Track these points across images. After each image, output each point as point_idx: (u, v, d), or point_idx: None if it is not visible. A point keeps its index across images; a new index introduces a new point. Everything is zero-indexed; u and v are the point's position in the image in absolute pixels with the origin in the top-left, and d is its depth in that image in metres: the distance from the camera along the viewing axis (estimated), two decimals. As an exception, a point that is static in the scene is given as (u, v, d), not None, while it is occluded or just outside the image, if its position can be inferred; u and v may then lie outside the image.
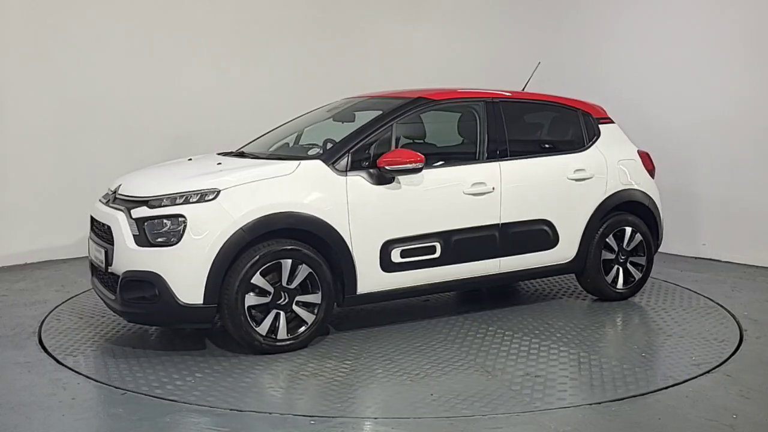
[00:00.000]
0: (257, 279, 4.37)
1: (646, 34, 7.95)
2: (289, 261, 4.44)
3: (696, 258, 7.54)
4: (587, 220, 5.56)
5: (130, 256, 4.35)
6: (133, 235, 4.36)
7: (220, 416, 3.60)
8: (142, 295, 4.34)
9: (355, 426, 3.51)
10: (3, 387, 4.01)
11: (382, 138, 4.89)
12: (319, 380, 4.07)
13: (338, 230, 4.59)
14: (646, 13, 7.96)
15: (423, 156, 4.75)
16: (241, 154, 5.26)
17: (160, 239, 4.30)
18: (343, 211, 4.61)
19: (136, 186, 4.68)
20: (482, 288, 5.96)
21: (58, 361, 4.38)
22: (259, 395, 3.86)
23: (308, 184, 4.59)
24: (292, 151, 5.31)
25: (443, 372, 4.22)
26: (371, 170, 4.75)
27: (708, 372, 4.25)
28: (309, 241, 4.52)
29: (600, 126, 5.89)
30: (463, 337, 4.86)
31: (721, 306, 5.68)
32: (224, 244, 4.29)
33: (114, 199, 4.69)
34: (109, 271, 4.50)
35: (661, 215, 5.98)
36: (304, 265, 4.47)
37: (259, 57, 8.29)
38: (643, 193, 5.84)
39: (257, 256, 4.35)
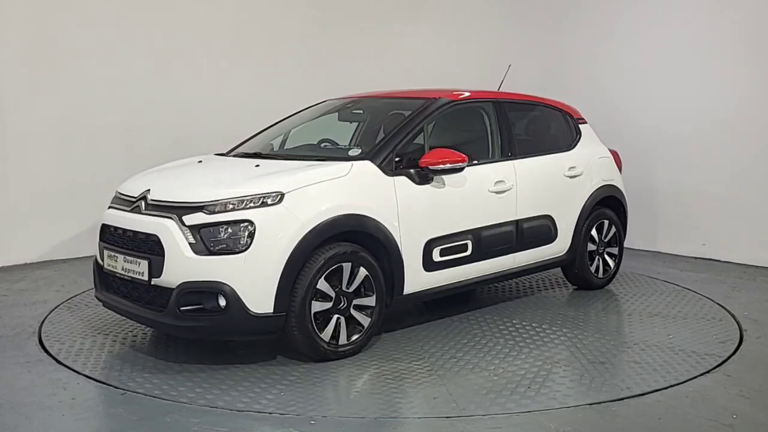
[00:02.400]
0: (322, 284, 4.24)
1: (642, 34, 7.95)
2: (349, 264, 4.34)
3: (696, 258, 7.54)
4: (578, 214, 5.90)
5: (189, 265, 4.04)
6: (190, 244, 4.06)
7: (220, 416, 3.60)
8: (202, 306, 4.07)
9: (354, 426, 3.51)
10: (3, 387, 4.01)
11: (417, 138, 4.92)
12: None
13: (391, 231, 4.55)
14: (645, 13, 7.97)
15: (466, 156, 4.83)
16: (256, 155, 5.10)
17: (222, 247, 4.03)
18: (393, 212, 4.58)
19: (177, 191, 4.36)
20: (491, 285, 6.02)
21: (58, 361, 4.37)
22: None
23: (363, 186, 4.52)
24: (328, 152, 5.15)
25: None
26: (414, 170, 4.74)
27: (708, 372, 4.25)
28: (364, 243, 4.45)
29: (579, 126, 6.27)
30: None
31: (721, 306, 5.68)
32: (294, 249, 4.11)
33: (148, 206, 4.35)
34: (153, 283, 4.17)
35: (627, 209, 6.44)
36: (361, 268, 4.40)
37: (259, 57, 8.30)
38: (617, 188, 6.31)
39: (322, 261, 4.21)
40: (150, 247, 4.19)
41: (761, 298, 5.95)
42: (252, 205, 4.12)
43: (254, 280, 4.05)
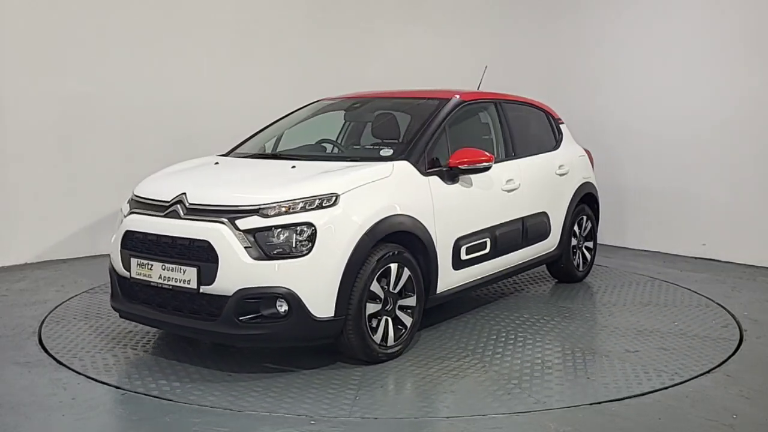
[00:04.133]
0: (374, 286, 4.20)
1: (643, 35, 7.95)
2: (396, 265, 4.32)
3: (696, 258, 7.54)
4: (566, 211, 6.15)
5: (248, 271, 3.89)
6: (245, 248, 3.92)
7: (220, 416, 3.60)
8: (260, 313, 3.94)
9: (354, 426, 3.51)
10: (3, 387, 4.00)
11: (441, 138, 4.94)
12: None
13: (429, 231, 4.57)
14: (645, 12, 7.97)
15: (492, 155, 4.93)
16: (275, 156, 5.04)
17: (282, 251, 3.92)
18: (430, 212, 4.59)
19: (223, 194, 4.18)
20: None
21: (58, 361, 4.37)
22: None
23: (404, 186, 4.51)
24: (360, 152, 5.09)
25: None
26: (443, 169, 4.78)
27: (708, 372, 4.25)
28: (407, 243, 4.42)
29: (560, 126, 6.51)
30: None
31: (721, 306, 5.68)
32: (352, 251, 4.04)
33: (188, 210, 4.13)
34: (202, 292, 3.98)
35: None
36: (405, 268, 4.38)
37: (260, 57, 8.30)
38: (593, 185, 6.61)
39: (375, 262, 4.17)
40: (197, 254, 3.98)
41: (761, 298, 5.95)
42: (309, 207, 4.01)
43: (317, 283, 3.96)
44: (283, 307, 3.92)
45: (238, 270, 3.90)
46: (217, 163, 5.03)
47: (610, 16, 8.31)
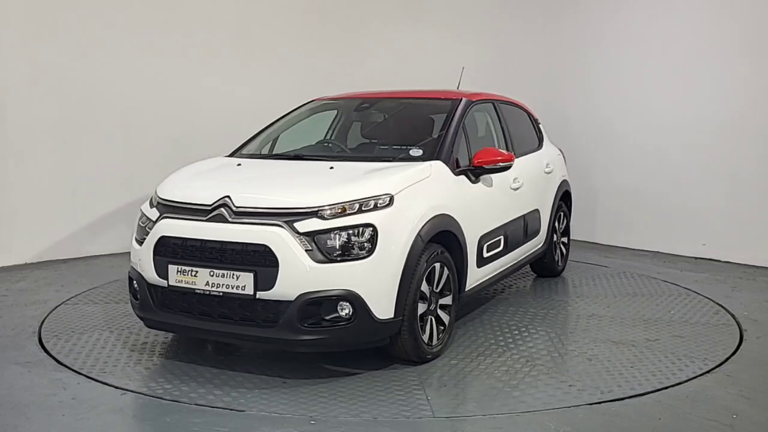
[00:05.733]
0: (424, 286, 4.21)
1: (644, 35, 7.96)
2: (439, 264, 4.34)
3: (696, 258, 7.55)
4: (551, 207, 6.33)
5: (311, 275, 3.81)
6: (306, 251, 3.84)
7: (220, 416, 3.60)
8: (322, 317, 3.87)
9: (354, 426, 3.51)
10: (3, 387, 4.00)
11: (462, 138, 5.00)
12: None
13: (463, 230, 4.61)
14: (646, 11, 7.97)
15: (513, 155, 5.05)
16: (298, 157, 4.92)
17: (343, 253, 3.86)
18: (462, 211, 4.63)
19: (275, 196, 4.07)
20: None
21: (58, 361, 4.37)
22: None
23: (442, 186, 4.54)
24: (389, 152, 5.01)
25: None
26: (468, 169, 4.84)
27: (708, 372, 4.25)
28: (445, 243, 4.42)
29: (539, 125, 6.67)
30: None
31: (721, 306, 5.68)
32: (409, 251, 4.04)
33: (234, 214, 4.00)
34: (259, 297, 3.88)
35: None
36: (445, 267, 4.41)
37: (260, 57, 8.30)
38: (569, 182, 6.83)
39: (425, 263, 4.17)
40: (253, 258, 3.87)
41: (761, 298, 5.95)
42: (365, 208, 3.97)
43: (379, 285, 3.94)
44: (345, 310, 3.87)
45: (300, 274, 3.81)
46: (239, 164, 4.86)
47: (605, 16, 8.32)
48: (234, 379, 4.09)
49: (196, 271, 3.99)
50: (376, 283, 3.92)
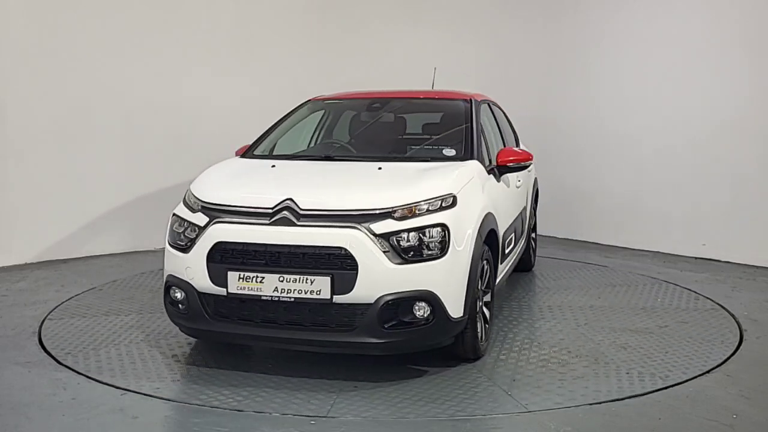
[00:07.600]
0: (480, 284, 4.30)
1: (644, 35, 7.96)
2: (485, 262, 4.38)
3: (696, 258, 7.54)
4: (529, 205, 6.47)
5: (391, 277, 3.78)
6: (384, 253, 3.81)
7: (220, 416, 3.60)
8: (401, 319, 3.85)
9: (355, 426, 3.51)
10: (3, 387, 4.01)
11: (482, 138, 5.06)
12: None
13: (499, 228, 4.71)
14: (647, 11, 7.97)
15: (531, 154, 5.19)
16: (327, 158, 4.83)
17: (419, 253, 3.84)
18: (497, 209, 4.71)
19: (346, 198, 4.00)
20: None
21: (58, 361, 4.37)
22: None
23: (483, 185, 4.59)
24: (425, 152, 4.97)
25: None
26: (495, 168, 4.97)
27: (708, 372, 4.25)
28: (488, 241, 4.44)
29: (512, 124, 6.75)
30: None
31: (721, 306, 5.68)
32: (473, 250, 4.07)
33: (301, 217, 3.91)
34: (335, 301, 3.81)
35: None
36: (489, 265, 4.47)
37: (260, 57, 8.30)
38: (537, 181, 7.03)
39: (481, 261, 4.23)
40: (329, 262, 3.80)
41: (761, 298, 5.95)
42: (432, 208, 3.97)
43: (453, 284, 3.95)
44: (422, 311, 3.86)
45: (380, 276, 3.77)
46: (273, 166, 4.68)
47: (605, 16, 8.32)
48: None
49: (263, 277, 3.86)
50: (450, 282, 3.94)
